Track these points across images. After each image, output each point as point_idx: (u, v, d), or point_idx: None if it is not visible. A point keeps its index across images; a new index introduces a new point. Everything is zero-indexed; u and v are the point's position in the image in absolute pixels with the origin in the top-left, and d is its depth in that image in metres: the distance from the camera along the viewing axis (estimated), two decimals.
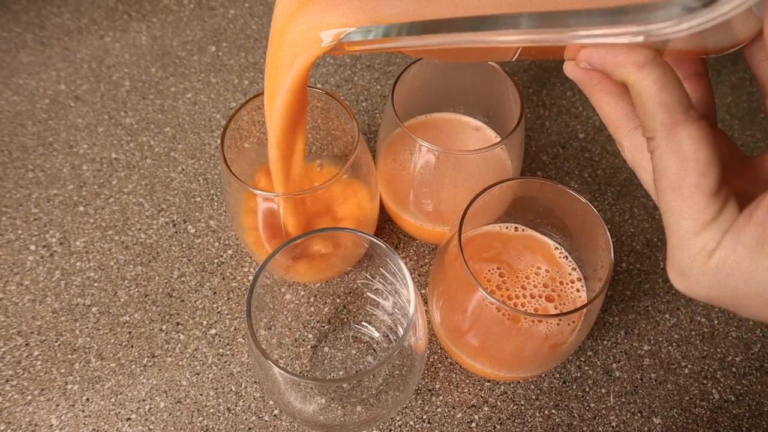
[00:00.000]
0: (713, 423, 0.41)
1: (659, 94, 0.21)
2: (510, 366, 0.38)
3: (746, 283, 0.21)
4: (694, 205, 0.21)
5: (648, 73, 0.21)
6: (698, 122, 0.21)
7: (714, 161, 0.21)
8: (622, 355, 0.44)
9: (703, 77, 0.27)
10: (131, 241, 0.48)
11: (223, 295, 0.46)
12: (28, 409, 0.41)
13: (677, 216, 0.22)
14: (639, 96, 0.22)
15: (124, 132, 0.55)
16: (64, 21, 0.63)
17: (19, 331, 0.44)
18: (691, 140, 0.21)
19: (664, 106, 0.21)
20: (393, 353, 0.30)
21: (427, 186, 0.43)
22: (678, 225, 0.22)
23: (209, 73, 0.59)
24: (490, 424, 0.41)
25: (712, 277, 0.22)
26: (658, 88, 0.21)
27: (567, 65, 0.26)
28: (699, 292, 0.23)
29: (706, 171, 0.21)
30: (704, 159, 0.21)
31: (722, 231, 0.21)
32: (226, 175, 0.39)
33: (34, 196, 0.51)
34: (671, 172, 0.22)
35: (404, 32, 0.26)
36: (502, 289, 0.40)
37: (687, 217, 0.22)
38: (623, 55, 0.22)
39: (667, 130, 0.21)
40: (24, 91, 0.57)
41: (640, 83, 0.22)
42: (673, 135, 0.21)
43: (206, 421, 0.40)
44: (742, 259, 0.21)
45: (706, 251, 0.22)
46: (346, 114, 0.41)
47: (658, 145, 0.22)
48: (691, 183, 0.21)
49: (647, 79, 0.21)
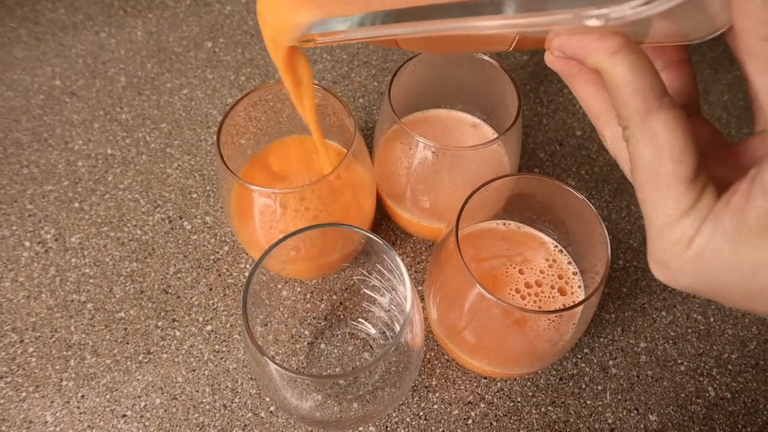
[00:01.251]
0: (709, 420, 0.41)
1: (632, 80, 0.21)
2: (506, 363, 0.38)
3: (727, 271, 0.21)
4: (671, 193, 0.21)
5: (621, 60, 0.21)
6: (673, 109, 0.21)
7: (689, 148, 0.21)
8: (619, 352, 0.44)
9: (685, 64, 0.26)
10: (127, 237, 0.48)
11: (219, 291, 0.46)
12: (22, 405, 0.40)
13: (655, 205, 0.22)
14: (612, 83, 0.21)
15: (119, 128, 0.55)
16: (59, 16, 0.63)
17: (13, 327, 0.44)
18: (665, 127, 0.21)
19: (638, 93, 0.21)
20: (389, 350, 0.30)
21: (424, 182, 0.43)
22: (656, 214, 0.22)
23: (205, 69, 0.59)
24: (486, 421, 0.41)
25: (693, 266, 0.21)
26: (632, 74, 0.21)
27: (547, 56, 0.26)
28: (681, 283, 0.22)
29: (681, 158, 0.21)
30: (679, 146, 0.21)
31: (701, 218, 0.21)
32: (223, 171, 0.38)
33: (29, 192, 0.50)
34: (646, 160, 0.21)
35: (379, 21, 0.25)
36: (498, 285, 0.40)
37: (664, 206, 0.21)
38: (596, 42, 0.21)
39: (641, 117, 0.21)
40: (19, 87, 0.57)
41: (612, 70, 0.21)
42: (647, 122, 0.21)
43: (202, 418, 0.40)
44: (722, 246, 0.20)
45: (685, 239, 0.21)
46: (344, 110, 0.41)
47: (632, 134, 0.21)
48: (667, 171, 0.21)
49: (620, 65, 0.21)
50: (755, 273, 0.20)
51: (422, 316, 0.35)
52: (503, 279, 0.40)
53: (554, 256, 0.41)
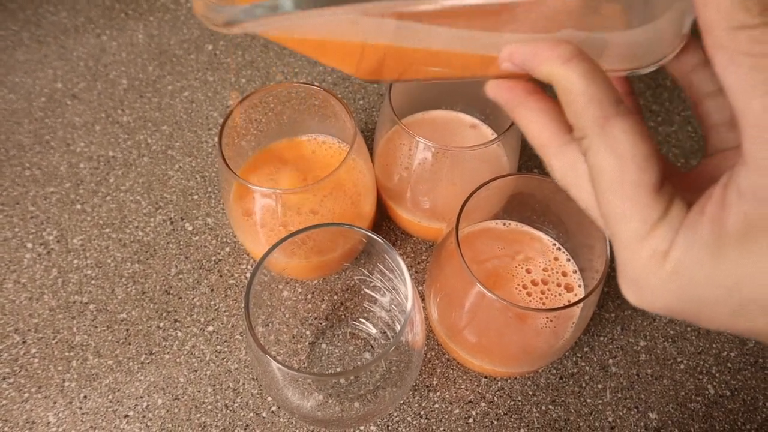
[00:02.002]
0: (709, 418, 0.42)
1: (588, 88, 0.20)
2: (507, 361, 0.39)
3: (709, 287, 0.19)
4: (637, 204, 0.19)
5: (574, 68, 0.20)
6: (631, 115, 0.20)
7: (652, 154, 0.19)
8: (619, 351, 0.44)
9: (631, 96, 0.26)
10: (128, 238, 0.48)
11: (220, 292, 0.46)
12: (25, 406, 0.41)
13: (621, 219, 0.20)
14: (566, 92, 0.20)
15: (121, 130, 0.55)
16: (60, 19, 0.63)
17: (16, 328, 0.44)
18: (625, 134, 0.19)
19: (594, 101, 0.20)
20: (390, 349, 0.30)
21: (424, 183, 0.43)
22: (623, 229, 0.20)
23: (206, 72, 0.59)
24: (487, 420, 0.41)
25: (670, 283, 0.19)
26: (587, 82, 0.20)
27: (489, 85, 0.24)
28: (657, 303, 0.20)
29: (645, 166, 0.19)
30: (642, 153, 0.19)
31: (673, 230, 0.19)
32: (224, 172, 0.39)
33: (31, 194, 0.50)
34: (608, 170, 0.20)
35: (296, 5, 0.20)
36: (498, 284, 0.40)
37: (632, 219, 0.20)
38: (547, 50, 0.21)
39: (600, 125, 0.20)
40: (20, 89, 0.57)
41: (566, 78, 0.20)
42: (607, 130, 0.20)
43: (204, 418, 0.41)
44: (701, 259, 0.19)
45: (659, 253, 0.19)
46: (344, 111, 0.41)
47: (591, 144, 0.20)
48: (632, 180, 0.19)
49: (574, 73, 0.20)
50: (739, 284, 0.18)
51: (423, 316, 0.35)
52: (503, 278, 0.40)
53: (554, 255, 0.41)
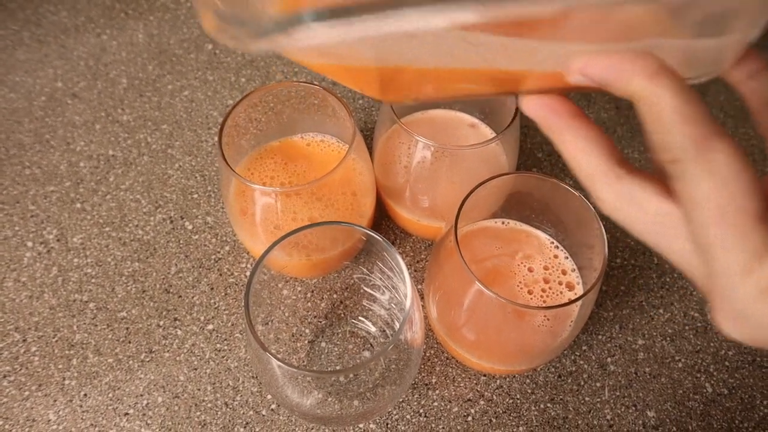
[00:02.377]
0: (706, 416, 0.42)
1: (682, 107, 0.18)
2: (506, 359, 0.39)
3: None
4: (744, 233, 0.18)
5: (664, 83, 0.18)
6: (729, 137, 0.18)
7: (756, 180, 0.18)
8: (617, 349, 0.44)
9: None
10: (128, 237, 0.48)
11: (220, 290, 0.46)
12: (25, 404, 0.41)
13: (724, 250, 0.18)
14: (655, 111, 0.19)
15: (121, 129, 0.55)
16: (61, 19, 0.63)
17: (16, 327, 0.44)
18: (727, 157, 0.18)
19: (690, 121, 0.18)
20: (389, 347, 0.30)
21: (424, 182, 0.43)
22: (727, 260, 0.18)
23: (206, 71, 0.59)
24: (486, 418, 0.41)
25: None
26: (680, 100, 0.18)
27: (527, 102, 0.22)
28: (761, 337, 0.19)
29: (750, 192, 0.18)
30: (746, 178, 0.18)
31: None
32: (224, 171, 0.39)
33: (31, 193, 0.51)
34: (710, 197, 0.18)
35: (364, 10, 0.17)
36: (497, 283, 0.40)
37: (737, 249, 0.18)
38: (629, 63, 0.19)
39: (697, 148, 0.18)
40: (21, 89, 0.57)
41: (656, 96, 0.18)
42: (706, 153, 0.18)
43: (204, 416, 0.41)
44: None
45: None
46: (344, 111, 0.41)
47: (687, 169, 0.18)
48: (737, 207, 0.18)
49: (666, 90, 0.18)
50: None
51: (422, 314, 0.35)
52: (502, 276, 0.40)
53: (552, 253, 0.41)
